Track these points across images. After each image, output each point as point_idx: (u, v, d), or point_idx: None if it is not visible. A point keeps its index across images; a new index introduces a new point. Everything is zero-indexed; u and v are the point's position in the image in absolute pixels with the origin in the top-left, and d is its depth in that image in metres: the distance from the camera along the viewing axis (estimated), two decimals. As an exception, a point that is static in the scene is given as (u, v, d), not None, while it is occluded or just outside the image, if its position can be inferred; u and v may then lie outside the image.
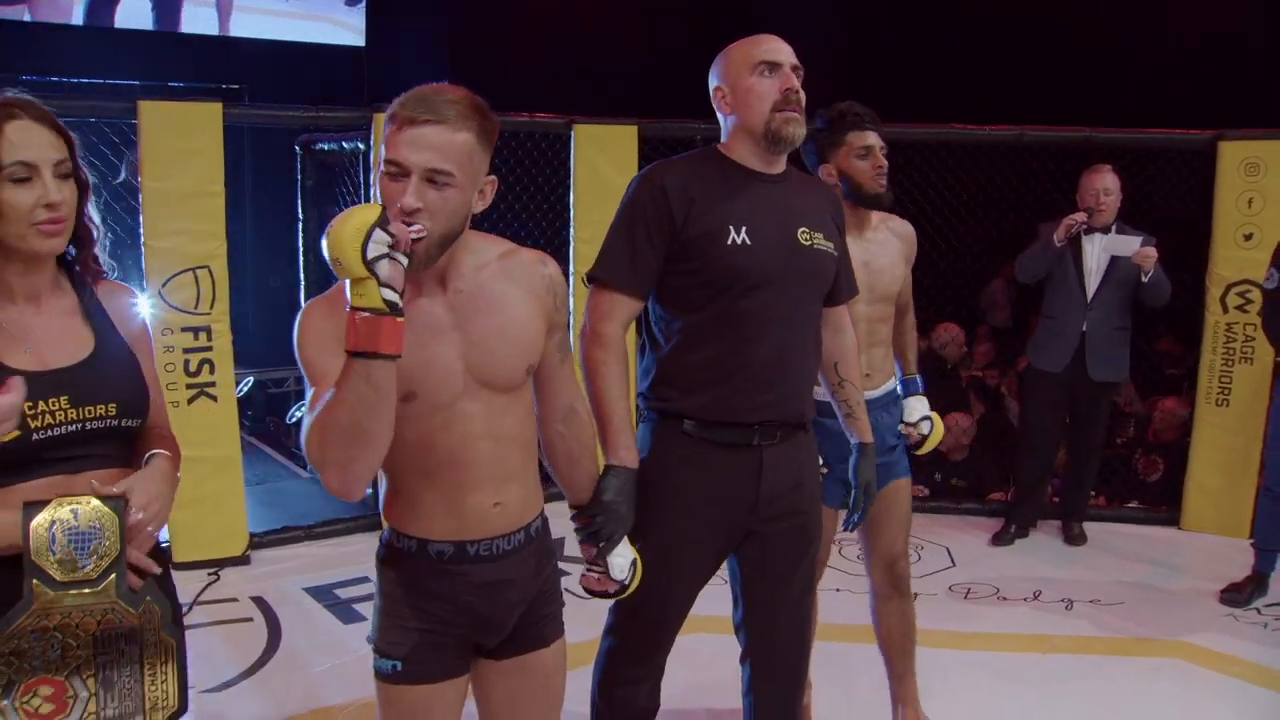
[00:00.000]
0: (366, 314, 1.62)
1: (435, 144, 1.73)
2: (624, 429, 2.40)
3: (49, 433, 1.72)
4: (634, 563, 2.31)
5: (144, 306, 1.96)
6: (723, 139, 2.51)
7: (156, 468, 1.83)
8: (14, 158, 1.69)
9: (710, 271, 2.40)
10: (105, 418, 1.78)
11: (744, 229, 2.39)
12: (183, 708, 1.82)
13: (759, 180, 2.46)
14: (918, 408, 3.31)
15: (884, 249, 3.11)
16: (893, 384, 3.18)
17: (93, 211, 1.86)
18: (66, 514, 1.67)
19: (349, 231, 1.61)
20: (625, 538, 2.31)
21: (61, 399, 1.73)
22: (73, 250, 1.86)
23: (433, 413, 1.85)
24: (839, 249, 2.57)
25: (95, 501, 1.70)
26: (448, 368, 1.86)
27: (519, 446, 1.98)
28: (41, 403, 1.71)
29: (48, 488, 1.72)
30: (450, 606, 1.94)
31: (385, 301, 1.62)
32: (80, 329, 1.82)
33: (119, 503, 1.72)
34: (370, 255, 1.62)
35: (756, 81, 2.40)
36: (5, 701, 1.64)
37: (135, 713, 1.76)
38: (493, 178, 1.86)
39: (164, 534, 1.93)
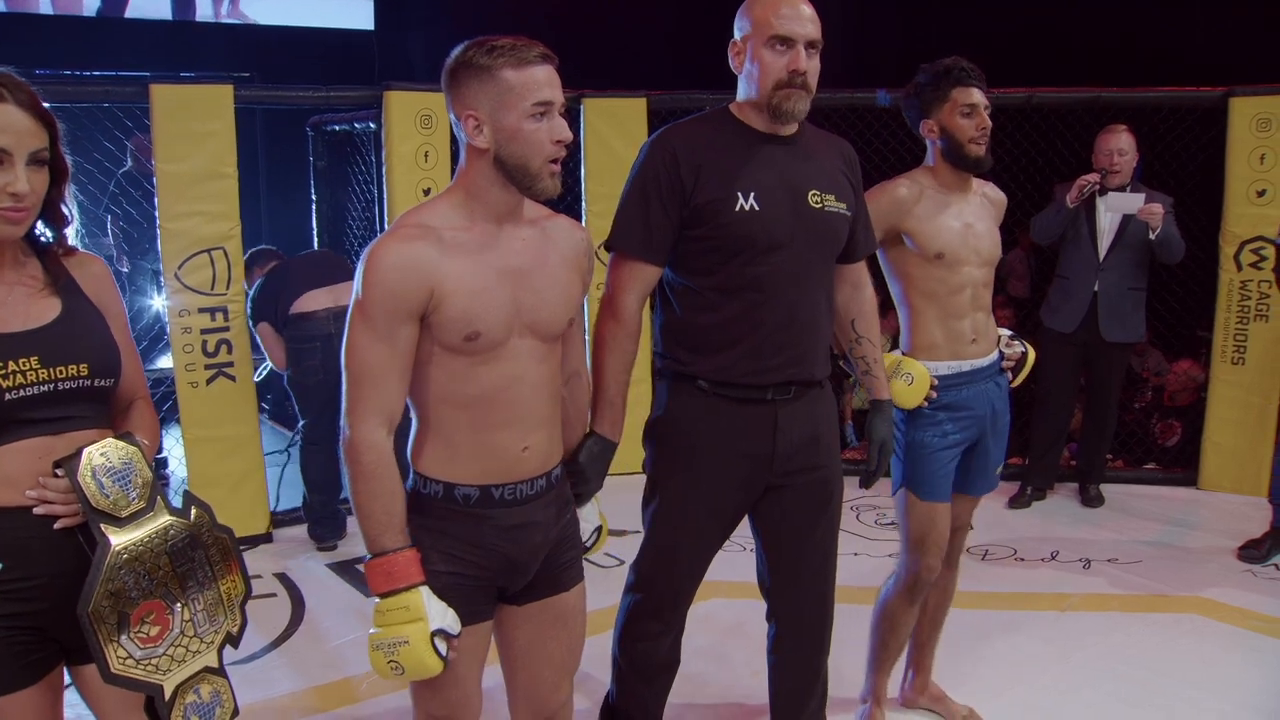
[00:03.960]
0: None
1: None
2: (615, 405, 2.43)
3: (21, 393, 1.73)
4: (598, 529, 2.34)
5: (110, 276, 1.99)
6: (737, 97, 2.50)
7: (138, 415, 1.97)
8: None
9: (720, 238, 2.41)
10: (78, 377, 1.80)
11: (752, 194, 2.40)
12: (248, 591, 1.96)
13: (769, 143, 2.46)
14: (1003, 333, 3.15)
15: (983, 212, 3.00)
16: (997, 354, 3.07)
17: (69, 198, 1.85)
18: (99, 459, 1.76)
19: (428, 660, 1.88)
20: (593, 504, 2.35)
21: (32, 359, 1.75)
22: (48, 234, 1.86)
23: (486, 349, 1.93)
24: (853, 208, 2.56)
25: (113, 440, 1.80)
26: (506, 309, 1.94)
27: (549, 396, 2.04)
28: (12, 362, 1.73)
29: (27, 451, 1.75)
30: (477, 550, 1.99)
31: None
32: (45, 296, 1.83)
33: (129, 435, 1.83)
34: (444, 652, 1.90)
35: (767, 54, 2.38)
36: (123, 636, 1.75)
37: (217, 604, 1.89)
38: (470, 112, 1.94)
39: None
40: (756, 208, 2.39)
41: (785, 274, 2.43)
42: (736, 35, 2.46)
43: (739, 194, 2.39)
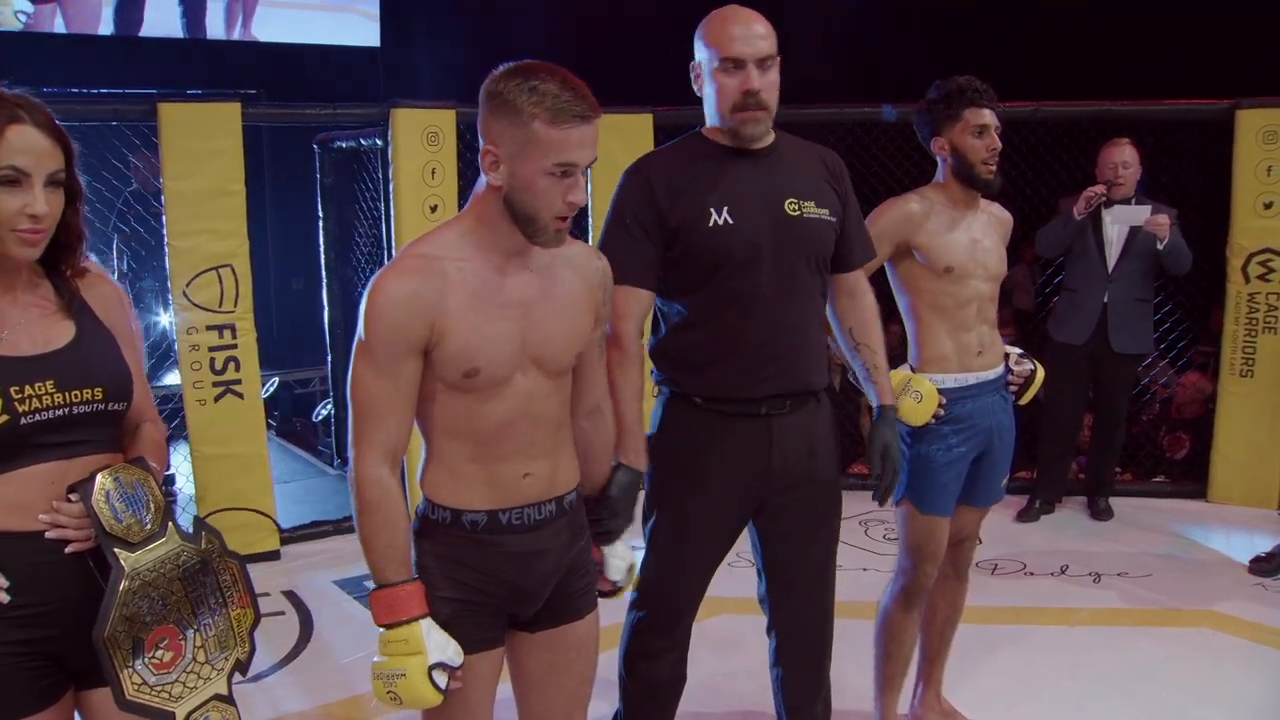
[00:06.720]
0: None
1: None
2: (634, 431, 2.42)
3: (36, 417, 1.72)
4: (631, 567, 2.30)
5: (125, 298, 1.98)
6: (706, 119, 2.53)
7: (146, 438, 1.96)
8: (8, 161, 1.67)
9: (696, 255, 2.43)
10: (93, 401, 1.79)
11: (725, 209, 2.41)
12: (258, 618, 1.96)
13: (742, 157, 2.47)
14: (1013, 351, 3.15)
15: (990, 229, 3.02)
16: (1003, 368, 3.08)
17: (81, 220, 1.84)
18: (111, 484, 1.75)
19: (425, 692, 1.87)
20: (624, 542, 2.32)
21: (48, 383, 1.74)
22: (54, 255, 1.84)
23: (488, 385, 1.91)
24: (838, 213, 2.56)
25: (125, 465, 1.80)
26: (510, 344, 1.91)
27: (553, 428, 2.02)
28: (28, 386, 1.72)
29: (40, 476, 1.75)
30: (485, 577, 1.97)
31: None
32: (59, 319, 1.82)
33: (141, 460, 1.84)
34: (442, 685, 1.87)
35: (722, 78, 2.41)
36: (138, 662, 1.74)
37: (227, 631, 1.89)
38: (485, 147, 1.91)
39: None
40: (730, 222, 2.41)
41: (767, 285, 2.44)
42: (695, 58, 2.49)
43: (711, 210, 2.41)
